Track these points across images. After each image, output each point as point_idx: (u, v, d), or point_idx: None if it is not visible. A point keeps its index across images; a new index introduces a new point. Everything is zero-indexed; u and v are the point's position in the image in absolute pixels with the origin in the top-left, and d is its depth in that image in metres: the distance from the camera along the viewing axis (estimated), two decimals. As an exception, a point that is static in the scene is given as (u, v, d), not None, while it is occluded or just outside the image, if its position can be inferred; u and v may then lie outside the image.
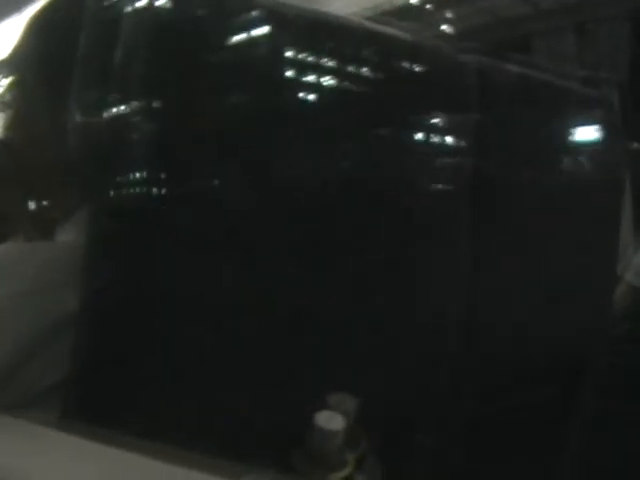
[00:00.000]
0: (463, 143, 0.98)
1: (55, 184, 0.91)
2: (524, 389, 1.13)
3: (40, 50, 0.93)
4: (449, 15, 2.72)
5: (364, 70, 0.89)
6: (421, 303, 0.96)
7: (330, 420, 0.75)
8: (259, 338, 0.82)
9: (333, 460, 0.76)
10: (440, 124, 0.96)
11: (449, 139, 0.97)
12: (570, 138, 1.17)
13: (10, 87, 0.98)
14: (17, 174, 0.94)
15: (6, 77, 0.98)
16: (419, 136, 0.95)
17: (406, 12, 2.58)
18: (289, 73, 0.83)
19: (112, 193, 0.78)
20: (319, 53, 0.85)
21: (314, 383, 0.83)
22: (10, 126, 0.97)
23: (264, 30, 0.80)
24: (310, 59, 0.85)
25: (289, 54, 0.82)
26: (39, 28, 0.94)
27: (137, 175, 0.76)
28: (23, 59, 0.96)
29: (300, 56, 0.84)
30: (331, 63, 0.87)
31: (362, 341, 0.89)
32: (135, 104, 0.76)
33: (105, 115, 0.77)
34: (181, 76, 0.77)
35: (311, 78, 0.85)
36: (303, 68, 0.84)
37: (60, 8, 0.92)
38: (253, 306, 0.81)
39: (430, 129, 0.95)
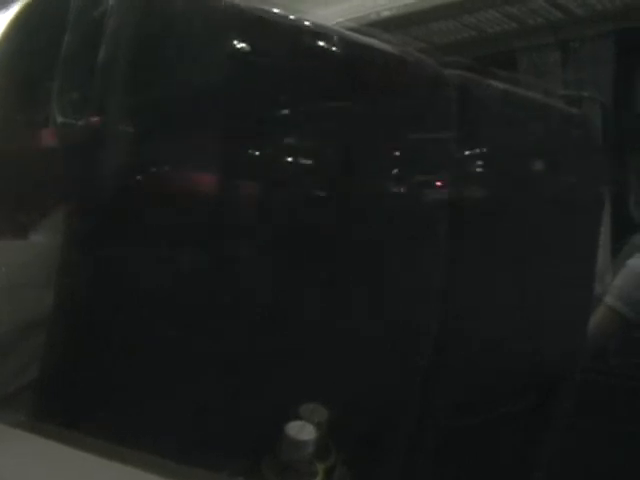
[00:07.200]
0: (442, 158, 0.98)
1: (30, 184, 0.90)
2: (496, 405, 1.13)
3: (21, 49, 0.92)
4: (434, 29, 2.73)
5: (343, 82, 0.89)
6: (395, 315, 0.96)
7: (301, 430, 0.74)
8: (232, 343, 0.82)
9: (303, 470, 0.75)
10: (420, 138, 0.96)
11: (429, 153, 0.97)
12: (550, 157, 1.18)
13: None
14: None
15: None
16: (399, 149, 0.95)
17: (392, 24, 2.58)
18: (269, 81, 0.83)
19: (90, 193, 0.77)
20: (298, 61, 0.85)
21: (286, 392, 0.83)
22: None
23: (248, 35, 0.80)
24: (290, 67, 0.84)
25: (269, 60, 0.82)
26: (21, 27, 0.93)
27: (115, 175, 0.75)
28: (3, 57, 0.95)
29: (281, 63, 0.84)
30: (309, 71, 0.86)
31: (335, 352, 0.89)
32: (116, 105, 0.75)
33: (85, 115, 0.76)
34: (163, 77, 0.76)
35: (290, 89, 0.85)
36: (283, 76, 0.84)
37: (44, 7, 0.91)
38: (227, 310, 0.81)
39: (410, 142, 0.95)
